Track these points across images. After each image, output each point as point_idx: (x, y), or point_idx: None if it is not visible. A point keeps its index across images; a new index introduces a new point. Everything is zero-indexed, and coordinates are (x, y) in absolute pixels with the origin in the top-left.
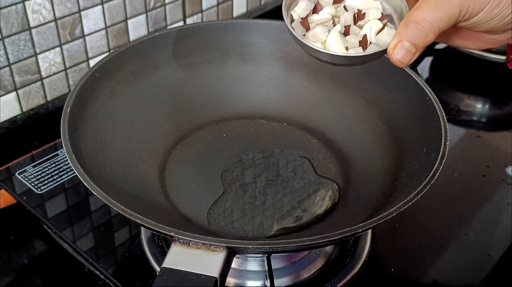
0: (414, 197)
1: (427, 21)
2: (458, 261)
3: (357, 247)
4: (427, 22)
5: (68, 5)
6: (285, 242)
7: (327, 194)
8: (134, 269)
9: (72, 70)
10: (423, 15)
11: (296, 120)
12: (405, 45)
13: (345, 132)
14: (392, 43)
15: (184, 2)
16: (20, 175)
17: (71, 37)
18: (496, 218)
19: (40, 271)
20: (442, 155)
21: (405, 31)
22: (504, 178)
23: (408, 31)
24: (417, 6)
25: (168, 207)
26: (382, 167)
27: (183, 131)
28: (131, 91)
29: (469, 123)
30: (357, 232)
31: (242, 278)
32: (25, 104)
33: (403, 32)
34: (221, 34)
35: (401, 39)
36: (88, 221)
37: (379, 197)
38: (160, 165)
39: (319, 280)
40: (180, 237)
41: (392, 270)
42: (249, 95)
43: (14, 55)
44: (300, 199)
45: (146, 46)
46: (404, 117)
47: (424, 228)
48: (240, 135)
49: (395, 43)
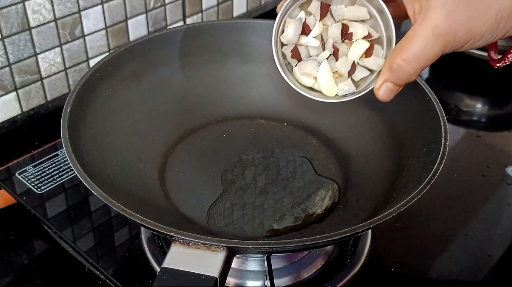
0: (414, 197)
1: (410, 67)
2: (458, 261)
3: (357, 247)
4: (410, 68)
5: (68, 5)
6: (285, 242)
7: (327, 194)
8: (134, 269)
9: (72, 70)
10: (408, 62)
11: (296, 120)
12: (388, 85)
13: (345, 132)
14: (378, 83)
15: (184, 2)
16: (20, 175)
17: (71, 37)
18: (496, 218)
19: (40, 271)
20: (442, 155)
21: (389, 74)
22: (504, 178)
23: (391, 74)
24: (402, 48)
25: (168, 207)
26: (382, 167)
27: (183, 131)
28: (131, 91)
29: (469, 123)
30: (357, 232)
31: (242, 278)
32: (25, 104)
33: (387, 74)
34: (221, 34)
35: (385, 81)
36: (88, 221)
37: (379, 197)
38: (160, 165)
39: (319, 280)
40: (180, 237)
41: (392, 270)
42: (249, 95)
43: (14, 55)
44: (300, 199)
45: (146, 46)
46: (404, 117)
47: (424, 228)
48: (240, 135)
49: (380, 83)
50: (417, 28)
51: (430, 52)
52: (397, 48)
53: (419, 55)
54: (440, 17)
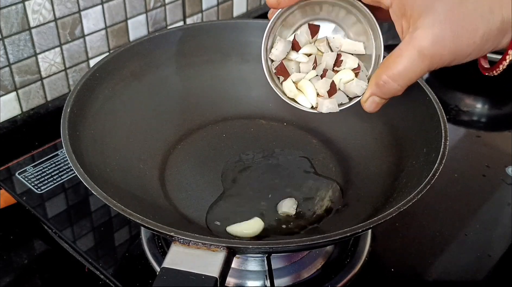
0: (414, 197)
1: (396, 84)
2: (458, 261)
3: (357, 247)
4: (396, 85)
5: (68, 5)
6: (285, 242)
7: (327, 194)
8: (134, 269)
9: (72, 70)
10: (393, 79)
11: (296, 120)
12: (375, 99)
13: (345, 132)
14: (365, 96)
15: (184, 2)
16: (20, 175)
17: (71, 37)
18: (496, 218)
19: (40, 271)
20: (442, 155)
21: (375, 89)
22: (504, 178)
23: (378, 89)
24: (388, 65)
25: (168, 207)
26: (382, 167)
27: (183, 131)
28: (131, 91)
29: (469, 123)
30: (357, 232)
31: (242, 278)
32: (25, 104)
33: (373, 89)
34: (221, 34)
35: (371, 95)
36: (88, 221)
37: (379, 197)
38: (160, 165)
39: (319, 280)
40: (180, 237)
41: (392, 270)
42: (249, 95)
43: (14, 55)
44: (300, 199)
45: (146, 46)
46: (404, 117)
47: (424, 228)
48: (240, 135)
49: (367, 96)
50: (404, 48)
51: (416, 71)
52: (384, 65)
53: (404, 73)
54: (427, 40)
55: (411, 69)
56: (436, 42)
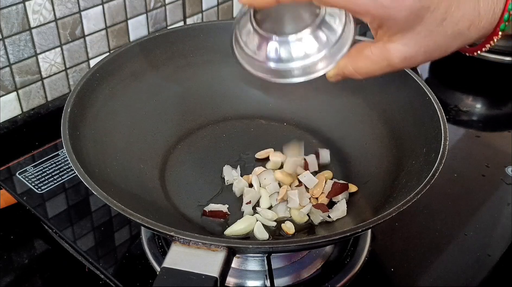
0: (414, 197)
1: (360, 76)
2: (458, 261)
3: (357, 247)
4: (359, 77)
5: (69, 5)
6: (285, 242)
7: None
8: (134, 269)
9: (73, 70)
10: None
11: (296, 120)
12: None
13: (345, 132)
14: (331, 73)
15: (184, 3)
16: (20, 175)
17: (71, 37)
18: (496, 218)
19: (41, 271)
20: (442, 155)
21: (340, 72)
22: (504, 178)
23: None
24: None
25: (168, 207)
26: (382, 167)
27: (183, 131)
28: (131, 91)
29: (469, 123)
30: (357, 232)
31: (242, 278)
32: (25, 104)
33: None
34: (221, 34)
35: (337, 75)
36: (88, 221)
37: (379, 197)
38: (160, 165)
39: (319, 280)
40: (180, 237)
41: (392, 270)
42: (249, 95)
43: (14, 55)
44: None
45: (146, 46)
46: (404, 117)
47: (424, 228)
48: (240, 135)
49: (332, 74)
50: (375, 52)
51: (380, 73)
52: (353, 56)
53: (369, 72)
54: (399, 56)
55: (376, 71)
56: (407, 59)
